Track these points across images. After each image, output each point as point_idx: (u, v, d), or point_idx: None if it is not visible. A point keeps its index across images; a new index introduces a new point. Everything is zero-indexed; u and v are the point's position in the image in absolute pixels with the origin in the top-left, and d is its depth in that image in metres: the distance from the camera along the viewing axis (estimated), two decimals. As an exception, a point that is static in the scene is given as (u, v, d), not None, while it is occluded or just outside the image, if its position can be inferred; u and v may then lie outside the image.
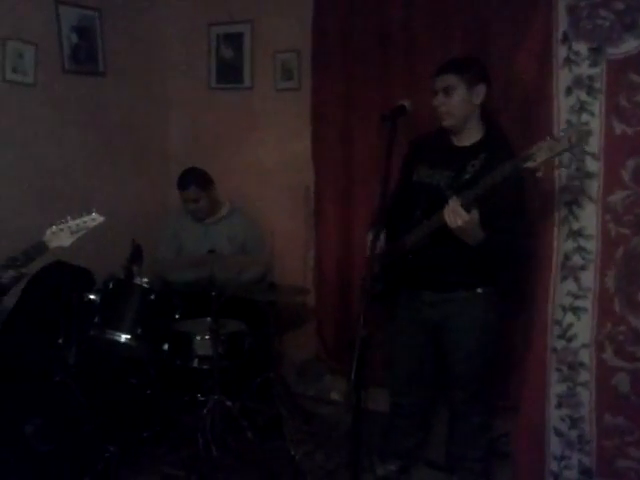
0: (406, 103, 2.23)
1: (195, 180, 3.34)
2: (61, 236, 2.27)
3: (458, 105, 2.28)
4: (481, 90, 2.29)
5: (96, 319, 2.71)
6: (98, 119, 3.57)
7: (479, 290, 2.38)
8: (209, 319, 2.93)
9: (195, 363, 2.96)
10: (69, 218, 2.30)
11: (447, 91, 2.27)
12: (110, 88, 3.61)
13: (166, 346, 2.80)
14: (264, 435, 3.00)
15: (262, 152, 3.75)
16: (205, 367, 2.96)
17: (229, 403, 2.86)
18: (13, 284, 2.26)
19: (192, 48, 3.88)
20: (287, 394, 3.29)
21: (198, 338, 2.96)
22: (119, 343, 2.69)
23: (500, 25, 2.80)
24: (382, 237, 2.44)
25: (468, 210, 2.08)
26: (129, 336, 2.68)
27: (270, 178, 3.74)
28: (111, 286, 2.77)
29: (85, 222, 2.31)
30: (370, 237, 2.44)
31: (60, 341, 2.81)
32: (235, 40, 3.74)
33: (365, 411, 1.90)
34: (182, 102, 3.98)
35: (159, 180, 3.96)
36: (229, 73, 3.79)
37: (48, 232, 2.25)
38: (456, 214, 2.08)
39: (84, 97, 3.49)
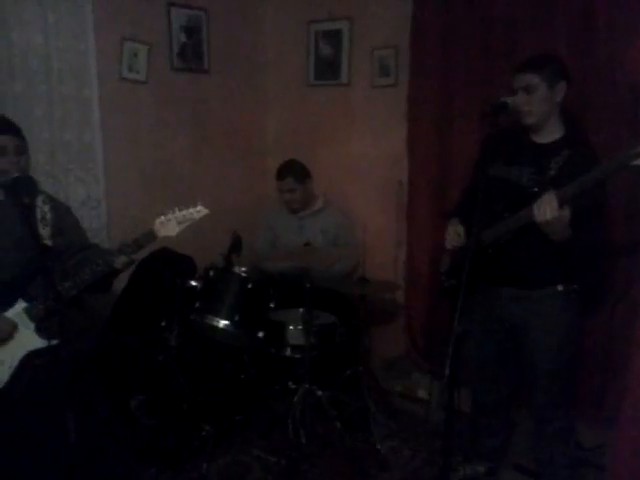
0: (508, 100, 2.19)
1: (293, 172, 3.44)
2: (169, 226, 2.36)
3: (539, 104, 2.24)
4: (562, 88, 2.24)
5: (197, 304, 2.84)
6: (202, 114, 3.75)
7: (560, 288, 2.32)
8: (302, 310, 3.02)
9: (288, 352, 3.05)
10: (176, 209, 2.39)
11: (528, 90, 2.23)
12: (213, 85, 3.78)
13: (261, 334, 2.89)
14: (351, 427, 3.05)
15: (357, 147, 3.79)
16: (297, 356, 3.04)
17: (319, 393, 2.93)
18: (124, 269, 2.41)
19: (291, 45, 3.98)
20: (375, 388, 3.32)
21: (291, 328, 3.05)
22: (217, 328, 2.81)
23: (609, 23, 2.68)
24: (461, 233, 2.44)
25: (561, 206, 2.04)
26: (227, 322, 2.79)
27: (364, 173, 3.78)
28: (212, 274, 2.90)
29: (191, 214, 2.39)
30: (458, 229, 2.44)
31: (163, 324, 2.98)
32: (333, 37, 3.80)
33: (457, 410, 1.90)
34: (280, 98, 4.09)
35: (257, 174, 4.09)
36: (327, 70, 3.86)
37: (157, 222, 2.36)
38: (549, 209, 2.05)
39: (190, 93, 3.67)
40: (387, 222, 3.67)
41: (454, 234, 2.46)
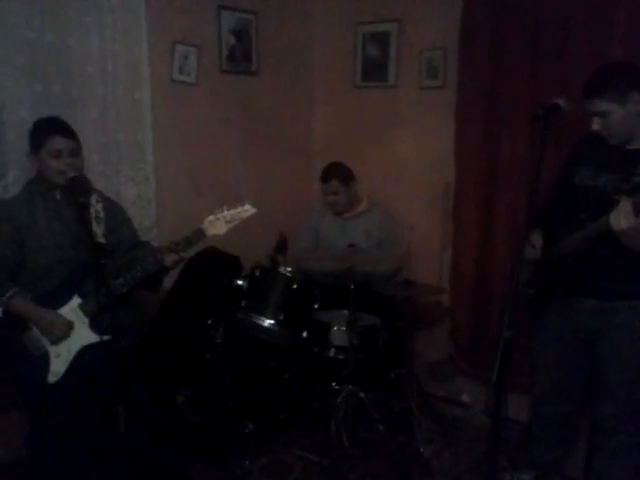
0: (560, 102, 2.13)
1: (337, 174, 3.45)
2: (217, 225, 2.40)
3: (617, 126, 2.16)
4: (636, 98, 2.14)
5: (243, 303, 2.89)
6: (250, 116, 3.79)
7: None
8: (346, 311, 3.03)
9: (331, 352, 3.07)
10: (224, 208, 2.42)
11: (602, 115, 2.16)
12: (261, 86, 3.82)
13: (305, 334, 2.92)
14: (394, 429, 3.04)
15: (403, 149, 3.78)
16: (340, 357, 3.05)
17: (362, 394, 2.93)
18: (174, 267, 2.46)
19: (339, 47, 3.99)
20: (418, 392, 3.30)
21: (335, 329, 3.06)
22: (262, 327, 2.84)
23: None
24: (538, 246, 2.37)
25: (637, 214, 1.97)
26: (272, 321, 2.82)
27: (410, 175, 3.76)
28: (257, 273, 2.94)
29: (239, 213, 2.42)
30: (533, 240, 2.38)
31: (209, 322, 3.03)
32: (381, 39, 3.79)
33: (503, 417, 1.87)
34: (327, 100, 4.11)
35: (303, 175, 4.12)
36: (374, 71, 3.85)
37: (206, 221, 2.40)
38: (624, 217, 1.98)
39: (238, 95, 3.72)
40: (433, 225, 3.64)
41: (530, 246, 2.38)
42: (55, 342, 2.27)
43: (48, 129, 2.32)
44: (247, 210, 2.43)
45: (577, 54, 2.91)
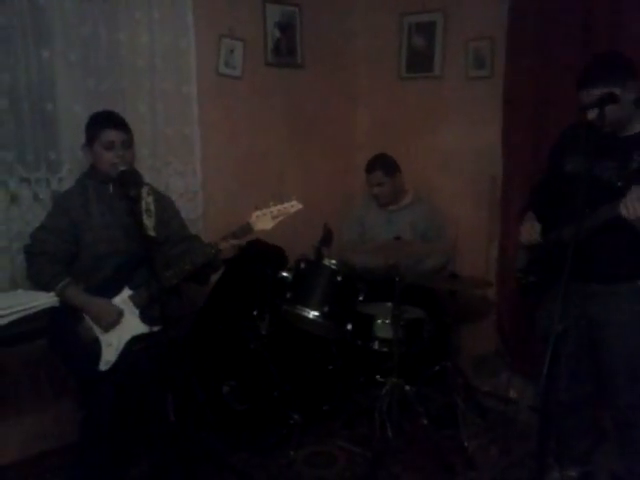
0: (616, 89, 2.08)
1: (382, 165, 3.44)
2: (264, 220, 2.44)
3: (615, 114, 2.12)
4: (632, 87, 2.13)
5: (288, 295, 2.90)
6: (295, 109, 3.81)
7: None
8: (390, 304, 3.02)
9: (375, 345, 3.06)
10: (271, 204, 2.46)
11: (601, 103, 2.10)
12: (306, 79, 3.83)
13: (349, 326, 2.91)
14: (438, 423, 3.02)
15: (449, 141, 3.73)
16: (384, 350, 3.05)
17: (407, 387, 2.92)
18: (225, 257, 2.50)
19: (384, 38, 3.96)
20: (464, 386, 3.27)
21: (379, 321, 3.05)
22: (307, 319, 2.85)
23: None
24: (537, 229, 2.38)
25: None
26: (317, 313, 2.83)
27: (456, 167, 3.71)
28: (302, 265, 2.95)
29: (285, 208, 2.46)
30: (526, 224, 2.39)
31: (255, 313, 3.06)
32: (427, 29, 3.74)
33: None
34: (372, 91, 4.08)
35: (348, 167, 4.11)
36: (419, 62, 3.81)
37: (254, 215, 2.43)
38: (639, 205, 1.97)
39: (283, 88, 3.73)
40: (479, 218, 3.59)
41: (531, 229, 2.41)
42: (106, 329, 2.34)
43: (102, 122, 2.39)
44: (294, 206, 2.46)
45: (628, 41, 2.81)
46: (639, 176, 2.07)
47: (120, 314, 2.35)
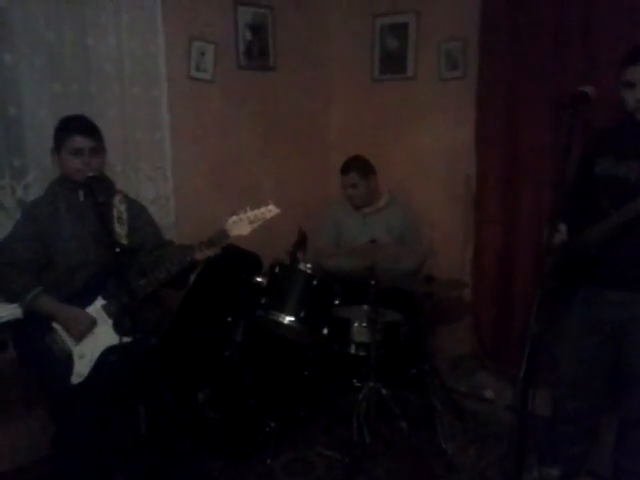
0: (588, 90, 2.08)
1: (356, 166, 3.43)
2: (240, 225, 2.37)
3: None
4: None
5: (262, 300, 2.86)
6: (268, 112, 3.77)
7: None
8: (367, 307, 3.00)
9: (352, 349, 3.04)
10: (247, 209, 2.38)
11: None
12: (278, 82, 3.79)
13: (326, 330, 2.89)
14: (416, 426, 3.01)
15: (423, 142, 3.73)
16: (361, 354, 3.03)
17: (384, 391, 2.90)
18: (201, 263, 2.44)
19: (356, 40, 3.95)
20: (441, 388, 3.27)
21: (356, 325, 3.03)
22: (283, 324, 2.82)
23: None
24: (563, 230, 2.31)
25: None
26: (292, 318, 2.79)
27: (430, 168, 3.72)
28: (277, 270, 2.92)
29: (262, 213, 2.39)
30: (547, 231, 2.34)
31: (229, 319, 3.02)
32: (400, 30, 3.74)
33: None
34: (345, 93, 4.07)
35: (322, 170, 4.09)
36: (392, 64, 3.80)
37: (230, 221, 2.36)
38: None
39: (255, 91, 3.69)
40: (454, 218, 3.60)
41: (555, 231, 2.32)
42: (79, 338, 2.27)
43: (70, 127, 2.33)
44: (271, 210, 2.40)
45: (600, 43, 2.83)
46: None
47: (93, 322, 2.29)
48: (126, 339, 2.22)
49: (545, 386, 2.59)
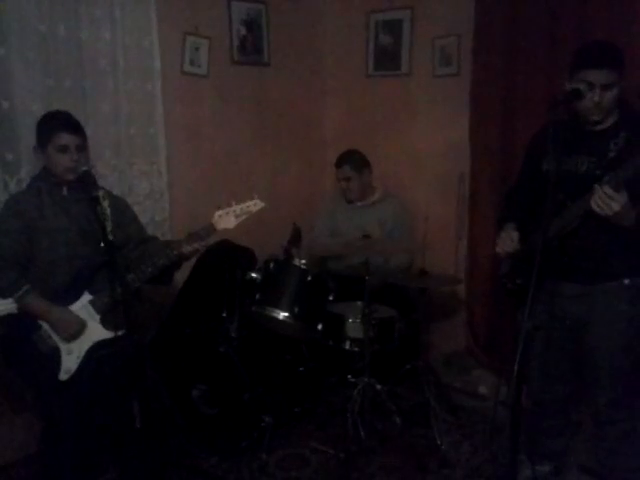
0: (581, 86, 2.09)
1: (350, 160, 3.45)
2: (226, 219, 2.40)
3: (612, 101, 2.12)
4: (624, 77, 2.12)
5: (257, 296, 2.86)
6: (262, 107, 3.77)
7: (626, 281, 2.22)
8: (361, 303, 3.00)
9: (347, 345, 3.03)
10: (233, 203, 2.42)
11: (606, 87, 2.08)
12: (273, 77, 3.79)
13: (320, 326, 2.89)
14: (411, 421, 3.02)
15: (417, 138, 3.74)
16: (355, 349, 3.02)
17: (378, 387, 2.91)
18: (189, 257, 2.45)
19: (351, 36, 3.95)
20: (435, 383, 3.27)
21: (350, 321, 3.03)
22: (277, 320, 2.82)
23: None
24: (515, 238, 2.34)
25: (617, 190, 1.95)
26: (287, 314, 2.79)
27: (424, 164, 3.72)
28: (271, 266, 2.91)
29: (248, 207, 2.42)
30: (503, 234, 2.36)
31: (224, 315, 3.01)
32: (394, 27, 3.74)
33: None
34: (340, 89, 4.07)
35: (316, 166, 4.09)
36: (387, 60, 3.81)
37: (216, 215, 2.40)
38: (607, 198, 1.96)
39: (249, 87, 3.69)
40: (448, 214, 3.60)
41: (507, 239, 2.36)
42: (68, 340, 2.27)
43: (56, 124, 2.30)
44: (256, 204, 2.44)
45: (595, 38, 2.83)
46: (616, 164, 2.04)
47: (83, 325, 2.28)
48: (118, 333, 2.22)
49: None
